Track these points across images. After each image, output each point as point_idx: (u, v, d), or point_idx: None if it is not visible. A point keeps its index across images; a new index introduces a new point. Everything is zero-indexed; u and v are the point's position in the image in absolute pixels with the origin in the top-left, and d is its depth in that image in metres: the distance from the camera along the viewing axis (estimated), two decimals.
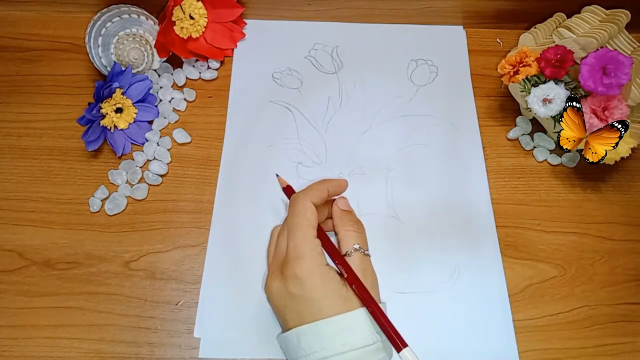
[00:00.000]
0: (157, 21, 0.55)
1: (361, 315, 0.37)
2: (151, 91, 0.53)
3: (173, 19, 0.53)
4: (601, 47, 0.49)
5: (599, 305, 0.46)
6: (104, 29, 0.52)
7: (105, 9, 0.52)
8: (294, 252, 0.38)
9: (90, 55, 0.51)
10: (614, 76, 0.45)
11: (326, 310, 0.37)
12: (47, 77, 0.56)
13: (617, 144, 0.45)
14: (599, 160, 0.46)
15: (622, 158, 0.47)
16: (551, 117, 0.48)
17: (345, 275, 0.39)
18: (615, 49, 0.50)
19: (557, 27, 0.53)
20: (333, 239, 0.42)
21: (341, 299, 0.37)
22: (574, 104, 0.46)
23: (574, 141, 0.47)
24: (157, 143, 0.52)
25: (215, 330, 0.44)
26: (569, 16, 0.54)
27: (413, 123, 0.54)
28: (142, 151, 0.51)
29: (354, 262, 0.39)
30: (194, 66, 0.56)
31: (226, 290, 0.45)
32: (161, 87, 0.55)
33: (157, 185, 0.50)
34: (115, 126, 0.51)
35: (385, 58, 0.58)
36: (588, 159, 0.47)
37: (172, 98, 0.54)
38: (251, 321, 0.44)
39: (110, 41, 0.52)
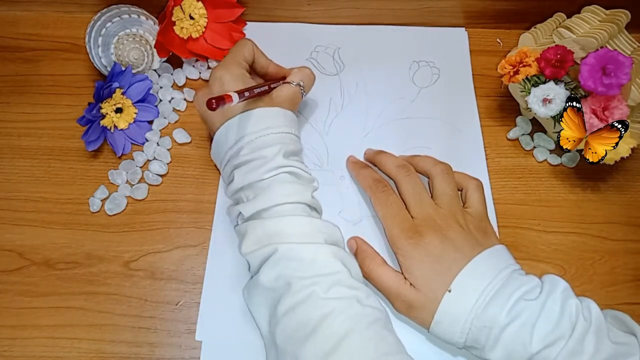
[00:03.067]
0: (157, 21, 0.55)
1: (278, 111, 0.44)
2: (151, 91, 0.53)
3: (173, 19, 0.53)
4: (601, 47, 0.49)
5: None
6: (104, 29, 0.52)
7: (105, 9, 0.52)
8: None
9: (90, 55, 0.51)
10: (614, 76, 0.45)
11: (237, 109, 0.43)
12: (47, 77, 0.56)
13: (617, 144, 0.45)
14: (599, 160, 0.46)
15: (622, 158, 0.47)
16: (551, 117, 0.48)
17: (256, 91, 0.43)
18: (615, 49, 0.50)
19: (557, 27, 0.53)
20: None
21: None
22: (574, 104, 0.46)
23: (574, 141, 0.47)
24: (157, 143, 0.52)
25: (218, 333, 0.43)
26: (569, 16, 0.54)
27: (415, 125, 0.54)
28: (142, 151, 0.51)
29: (287, 89, 0.46)
30: (194, 66, 0.56)
31: (228, 293, 0.45)
32: (161, 87, 0.55)
33: (157, 185, 0.50)
34: (115, 126, 0.51)
35: (387, 60, 0.58)
36: (588, 159, 0.47)
37: (172, 98, 0.54)
38: (254, 324, 0.43)
39: (110, 41, 0.52)
